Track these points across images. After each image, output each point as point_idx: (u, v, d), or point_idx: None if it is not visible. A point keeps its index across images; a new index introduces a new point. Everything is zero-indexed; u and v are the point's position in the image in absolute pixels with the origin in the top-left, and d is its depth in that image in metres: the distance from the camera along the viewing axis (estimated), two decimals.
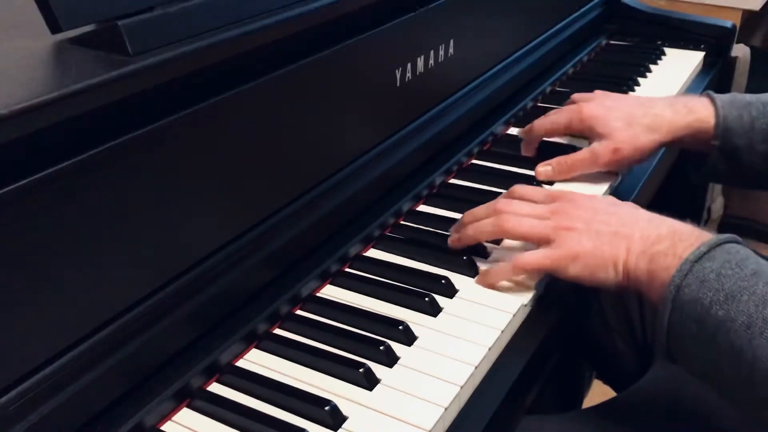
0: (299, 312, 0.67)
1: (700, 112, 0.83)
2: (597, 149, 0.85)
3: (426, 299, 0.66)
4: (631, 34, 1.35)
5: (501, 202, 0.72)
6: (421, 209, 0.83)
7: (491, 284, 0.69)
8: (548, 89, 1.14)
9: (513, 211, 0.70)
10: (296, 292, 0.67)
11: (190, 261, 0.59)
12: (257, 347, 0.63)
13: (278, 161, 0.67)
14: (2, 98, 0.44)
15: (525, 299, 0.67)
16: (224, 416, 0.56)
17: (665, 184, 1.11)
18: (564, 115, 0.89)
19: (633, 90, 1.13)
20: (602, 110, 0.86)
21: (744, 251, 0.59)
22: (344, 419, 0.55)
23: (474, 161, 0.93)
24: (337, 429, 0.55)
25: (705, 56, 1.26)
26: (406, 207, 0.81)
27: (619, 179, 0.89)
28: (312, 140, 0.71)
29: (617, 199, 0.71)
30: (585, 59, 1.26)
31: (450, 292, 0.68)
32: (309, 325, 0.65)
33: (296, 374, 0.60)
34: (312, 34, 0.67)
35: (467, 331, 0.64)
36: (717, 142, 0.82)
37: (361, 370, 0.58)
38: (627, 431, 0.72)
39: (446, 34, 0.88)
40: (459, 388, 0.57)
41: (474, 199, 0.77)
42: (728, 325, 0.53)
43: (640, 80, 1.17)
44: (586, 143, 0.89)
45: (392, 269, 0.72)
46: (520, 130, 0.95)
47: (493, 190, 0.83)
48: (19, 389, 0.47)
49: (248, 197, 0.64)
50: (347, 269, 0.72)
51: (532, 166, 0.90)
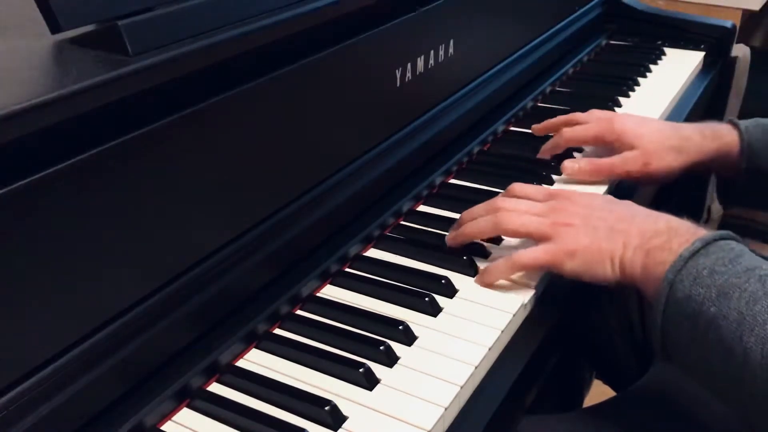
0: (299, 312, 0.67)
1: (726, 138, 0.85)
2: (629, 158, 0.85)
3: (426, 299, 0.66)
4: (631, 34, 1.36)
5: (499, 200, 0.72)
6: (421, 209, 0.83)
7: (490, 282, 0.69)
8: (548, 89, 1.14)
9: (511, 209, 0.70)
10: (296, 292, 0.67)
11: (190, 261, 0.59)
12: (257, 347, 0.63)
13: (278, 161, 0.67)
14: (2, 98, 0.45)
15: (525, 299, 0.67)
16: (224, 416, 0.56)
17: (666, 185, 1.11)
18: (594, 126, 0.89)
19: (633, 90, 1.13)
20: (634, 125, 0.87)
21: (738, 248, 0.59)
22: (344, 419, 0.55)
23: (474, 161, 0.93)
24: (337, 429, 0.55)
25: (705, 56, 1.26)
26: (406, 207, 0.81)
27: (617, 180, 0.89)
28: (312, 140, 0.71)
29: (615, 198, 0.72)
30: (585, 59, 1.26)
31: (450, 292, 0.68)
32: (309, 325, 0.65)
33: (296, 374, 0.60)
34: (312, 34, 0.67)
35: (467, 331, 0.64)
36: (743, 165, 0.83)
37: (361, 370, 0.58)
38: (627, 431, 0.72)
39: (446, 34, 0.88)
40: (459, 388, 0.57)
41: (474, 199, 0.77)
42: (719, 322, 0.54)
43: (640, 80, 1.17)
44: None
45: (392, 269, 0.72)
46: (537, 127, 0.96)
47: (493, 190, 0.83)
48: (19, 389, 0.47)
49: (248, 197, 0.64)
50: (347, 269, 0.72)
51: (532, 166, 0.91)
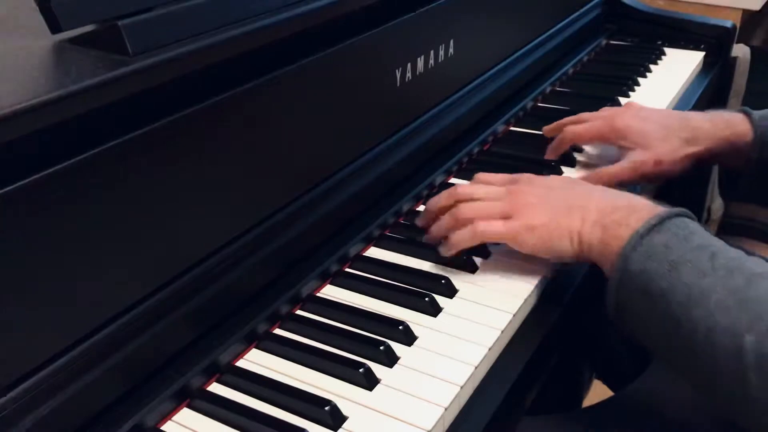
0: (299, 312, 0.67)
1: (738, 127, 0.83)
2: (638, 161, 0.83)
3: (426, 299, 0.66)
4: (631, 34, 1.36)
5: (459, 187, 0.73)
6: (422, 209, 0.83)
7: (452, 253, 0.70)
8: (548, 89, 1.14)
9: (470, 196, 0.71)
10: (296, 292, 0.67)
11: (190, 261, 0.59)
12: (257, 347, 0.63)
13: (278, 161, 0.67)
14: (2, 98, 0.45)
15: (525, 299, 0.67)
16: (224, 416, 0.56)
17: (666, 184, 1.11)
18: (597, 124, 0.88)
19: (633, 90, 1.13)
20: (637, 121, 0.85)
21: (693, 225, 0.60)
22: (344, 419, 0.55)
23: (474, 161, 0.93)
24: (337, 429, 0.55)
25: (705, 56, 1.26)
26: (406, 207, 0.81)
27: None
28: (312, 140, 0.71)
29: (572, 178, 0.73)
30: (585, 59, 1.26)
31: (450, 292, 0.68)
32: (309, 325, 0.65)
33: (296, 374, 0.60)
34: (312, 34, 0.67)
35: (467, 331, 0.64)
36: (755, 155, 0.82)
37: (361, 370, 0.58)
38: (626, 431, 0.72)
39: (446, 34, 0.88)
40: (459, 388, 0.57)
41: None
42: (669, 296, 0.55)
43: (640, 80, 1.17)
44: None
45: (392, 269, 0.72)
46: (548, 128, 0.95)
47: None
48: (19, 389, 0.47)
49: (248, 197, 0.64)
50: (347, 269, 0.72)
51: (532, 166, 0.91)
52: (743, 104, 1.34)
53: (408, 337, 0.63)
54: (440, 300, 0.67)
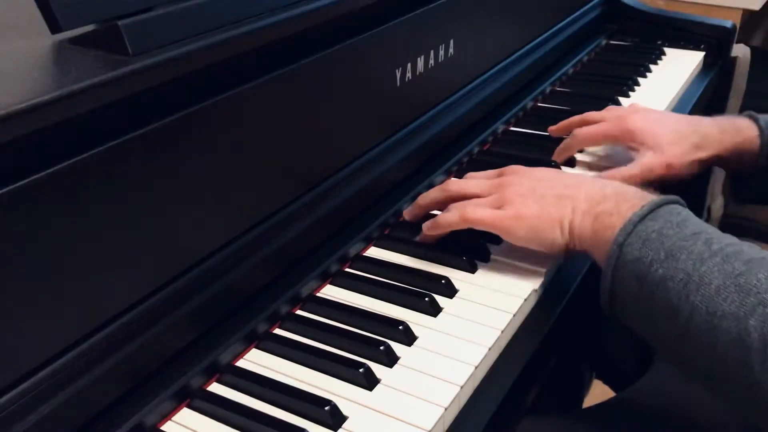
0: (299, 312, 0.67)
1: (746, 132, 0.83)
2: (649, 163, 0.83)
3: (426, 299, 0.66)
4: (631, 34, 1.35)
5: (450, 182, 0.74)
6: None
7: (438, 233, 0.71)
8: (548, 89, 1.14)
9: (460, 189, 0.72)
10: (296, 292, 0.67)
11: (190, 261, 0.59)
12: (257, 347, 0.63)
13: (278, 161, 0.67)
14: (2, 98, 0.45)
15: (525, 299, 0.67)
16: (224, 416, 0.56)
17: (666, 184, 1.11)
18: (607, 125, 0.88)
19: (633, 90, 1.13)
20: (649, 124, 0.85)
21: (685, 212, 0.61)
22: (344, 419, 0.55)
23: (474, 161, 0.93)
24: (337, 429, 0.55)
25: (705, 56, 1.26)
26: (406, 207, 0.81)
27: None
28: (312, 140, 0.71)
29: (561, 171, 0.74)
30: (585, 59, 1.26)
31: (450, 292, 0.68)
32: (309, 325, 0.65)
33: (296, 374, 0.60)
34: (312, 34, 0.67)
35: (467, 331, 0.64)
36: (763, 161, 0.82)
37: (361, 370, 0.58)
38: (627, 431, 0.72)
39: (446, 34, 0.88)
40: (459, 388, 0.57)
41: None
42: (667, 283, 0.55)
43: (640, 80, 1.17)
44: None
45: (392, 269, 0.72)
46: (553, 128, 0.95)
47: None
48: (19, 389, 0.47)
49: (248, 197, 0.64)
50: (347, 269, 0.72)
51: (532, 166, 0.90)
52: (743, 104, 1.34)
53: (408, 337, 0.63)
54: (440, 300, 0.67)
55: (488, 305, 0.67)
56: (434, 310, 0.66)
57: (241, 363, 0.61)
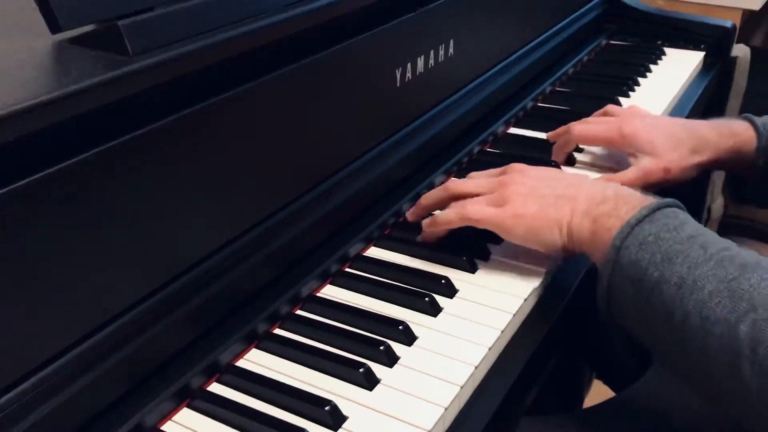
0: (299, 312, 0.67)
1: (742, 135, 0.83)
2: (647, 168, 0.83)
3: (426, 299, 0.66)
4: (631, 34, 1.35)
5: (452, 181, 0.74)
6: None
7: (437, 231, 0.71)
8: (548, 89, 1.14)
9: (461, 188, 0.72)
10: (296, 292, 0.67)
11: (190, 261, 0.59)
12: (257, 347, 0.63)
13: (279, 161, 0.67)
14: (2, 98, 0.44)
15: (525, 299, 0.67)
16: (224, 416, 0.56)
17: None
18: (604, 128, 0.87)
19: (633, 90, 1.13)
20: (646, 128, 0.85)
21: (683, 215, 0.61)
22: (344, 419, 0.55)
23: (474, 161, 0.93)
24: (337, 429, 0.55)
25: (705, 56, 1.26)
26: (406, 207, 0.81)
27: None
28: (312, 140, 0.71)
29: (561, 171, 0.74)
30: (585, 59, 1.26)
31: (450, 292, 0.68)
32: (309, 325, 0.65)
33: (296, 374, 0.60)
34: (312, 34, 0.67)
35: (467, 331, 0.64)
36: (761, 163, 0.82)
37: (361, 370, 0.58)
38: (626, 431, 0.72)
39: (446, 34, 0.88)
40: (459, 388, 0.57)
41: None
42: (662, 287, 0.55)
43: (640, 80, 1.17)
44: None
45: (392, 269, 0.72)
46: (551, 134, 0.94)
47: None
48: (19, 389, 0.47)
49: (248, 197, 0.64)
50: (347, 269, 0.72)
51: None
52: (743, 104, 1.34)
53: (408, 337, 0.63)
54: (440, 300, 0.67)
55: (488, 305, 0.67)
56: (434, 310, 0.66)
57: (241, 363, 0.61)
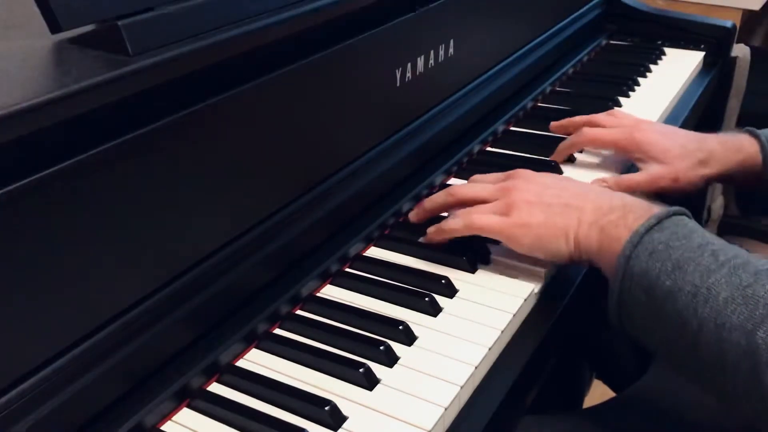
0: (299, 312, 0.67)
1: (748, 149, 0.84)
2: (656, 174, 0.84)
3: (426, 299, 0.66)
4: (631, 34, 1.35)
5: (456, 186, 0.74)
6: None
7: (443, 239, 0.71)
8: (548, 89, 1.14)
9: (466, 194, 0.72)
10: (296, 292, 0.67)
11: (190, 261, 0.59)
12: (257, 347, 0.63)
13: (278, 161, 0.67)
14: (2, 98, 0.44)
15: (525, 299, 0.67)
16: (224, 416, 0.56)
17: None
18: (616, 133, 0.88)
19: (633, 90, 1.13)
20: (658, 136, 0.86)
21: (691, 224, 0.61)
22: (344, 419, 0.55)
23: (474, 161, 0.93)
24: (337, 429, 0.55)
25: (705, 56, 1.26)
26: (406, 207, 0.81)
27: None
28: (312, 140, 0.71)
29: (567, 177, 0.74)
30: (585, 59, 1.26)
31: (450, 292, 0.68)
32: (309, 325, 0.65)
33: (296, 374, 0.60)
34: (312, 34, 0.67)
35: (467, 331, 0.64)
36: (766, 177, 0.83)
37: (361, 370, 0.58)
38: (627, 431, 0.72)
39: (446, 34, 0.88)
40: (459, 388, 0.57)
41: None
42: (675, 295, 0.55)
43: (640, 80, 1.17)
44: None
45: (392, 269, 0.72)
46: (555, 124, 0.96)
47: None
48: (19, 389, 0.47)
49: (248, 197, 0.64)
50: (347, 269, 0.72)
51: (532, 166, 0.90)
52: (743, 104, 1.34)
53: (408, 337, 0.63)
54: (440, 300, 0.67)
55: (488, 305, 0.67)
56: (434, 310, 0.66)
57: (241, 363, 0.61)
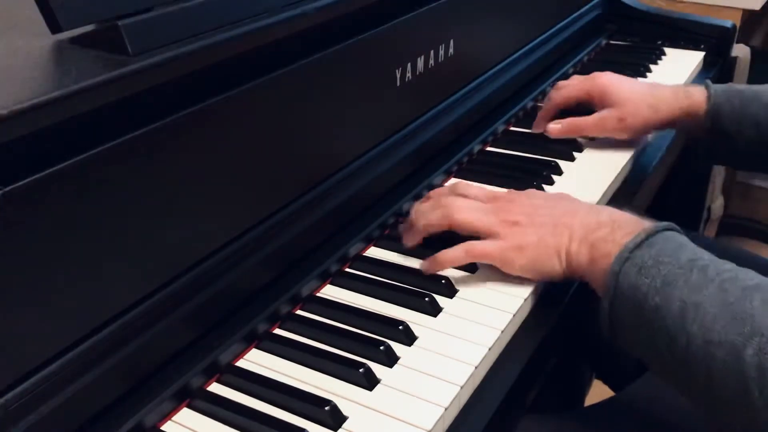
0: (299, 312, 0.67)
1: (695, 98, 0.91)
2: (605, 116, 0.92)
3: (426, 299, 0.66)
4: (631, 34, 1.35)
5: (445, 198, 0.73)
6: None
7: (438, 269, 0.70)
8: (548, 89, 1.13)
9: (459, 220, 0.70)
10: (296, 292, 0.67)
11: (191, 261, 0.59)
12: (257, 347, 0.63)
13: (278, 161, 0.67)
14: (2, 98, 0.44)
15: (525, 299, 0.67)
16: (224, 416, 0.56)
17: (666, 184, 1.11)
18: (579, 83, 0.97)
19: None
20: (616, 80, 0.95)
21: (681, 239, 0.61)
22: (344, 419, 0.55)
23: (474, 161, 0.93)
24: (337, 429, 0.55)
25: (705, 56, 1.26)
26: (406, 207, 0.81)
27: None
28: (312, 140, 0.71)
29: (555, 193, 0.75)
30: (585, 59, 1.26)
31: (450, 292, 0.68)
32: (309, 325, 0.65)
33: (296, 374, 0.60)
34: (312, 34, 0.67)
35: (467, 331, 0.64)
36: (708, 125, 0.89)
37: (361, 370, 0.58)
38: (626, 431, 0.72)
39: (446, 34, 0.88)
40: (459, 388, 0.57)
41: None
42: (663, 311, 0.55)
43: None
44: None
45: (392, 269, 0.72)
46: (541, 111, 1.01)
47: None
48: (19, 389, 0.47)
49: (248, 197, 0.64)
50: (347, 269, 0.72)
51: (532, 166, 0.91)
52: None
53: (408, 337, 0.63)
54: (440, 300, 0.67)
55: (488, 305, 0.67)
56: (434, 310, 0.66)
57: (241, 363, 0.61)
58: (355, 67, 0.74)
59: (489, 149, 0.97)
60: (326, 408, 0.55)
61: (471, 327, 0.64)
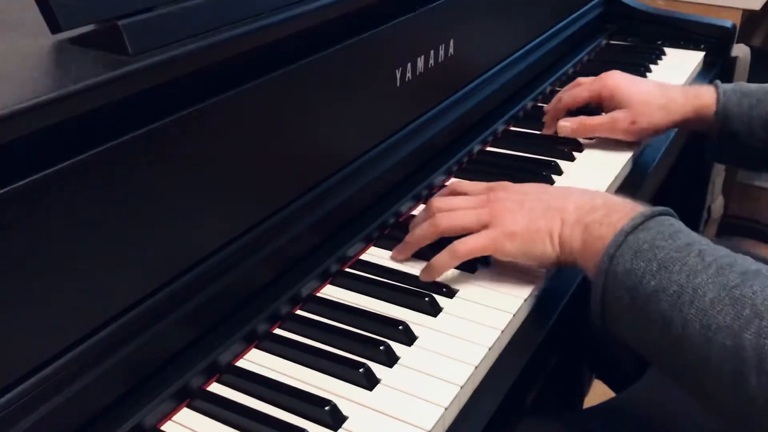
0: (299, 312, 0.67)
1: (705, 98, 0.91)
2: (616, 117, 0.92)
3: (426, 299, 0.66)
4: (631, 34, 1.36)
5: (436, 200, 0.73)
6: (421, 209, 0.82)
7: (436, 277, 0.69)
8: (548, 89, 1.14)
9: (448, 208, 0.71)
10: (296, 292, 0.67)
11: (191, 261, 0.59)
12: (257, 347, 0.63)
13: (278, 161, 0.67)
14: (2, 98, 0.45)
15: (525, 299, 0.67)
16: (224, 416, 0.56)
17: (666, 184, 1.11)
18: (589, 84, 0.96)
19: None
20: (626, 81, 0.94)
21: (677, 224, 0.60)
22: (344, 419, 0.55)
23: (474, 161, 0.93)
24: (337, 429, 0.55)
25: (705, 56, 1.26)
26: (406, 207, 0.81)
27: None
28: (312, 140, 0.71)
29: (549, 185, 0.75)
30: (585, 59, 1.26)
31: (450, 292, 0.68)
32: (309, 325, 0.65)
33: (296, 374, 0.60)
34: (312, 34, 0.67)
35: (467, 331, 0.64)
36: (717, 126, 0.89)
37: (361, 370, 0.58)
38: (626, 431, 0.72)
39: (446, 34, 0.88)
40: (459, 388, 0.57)
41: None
42: (659, 295, 0.55)
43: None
44: None
45: (392, 269, 0.72)
46: (547, 106, 1.01)
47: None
48: (19, 389, 0.47)
49: (248, 197, 0.64)
50: (347, 269, 0.72)
51: (532, 166, 0.91)
52: None
53: (408, 337, 0.63)
54: (440, 300, 0.67)
55: (488, 305, 0.67)
56: (434, 310, 0.66)
57: (241, 363, 0.61)
58: (355, 67, 0.74)
59: (489, 149, 0.97)
60: (326, 408, 0.55)
61: (471, 327, 0.64)
